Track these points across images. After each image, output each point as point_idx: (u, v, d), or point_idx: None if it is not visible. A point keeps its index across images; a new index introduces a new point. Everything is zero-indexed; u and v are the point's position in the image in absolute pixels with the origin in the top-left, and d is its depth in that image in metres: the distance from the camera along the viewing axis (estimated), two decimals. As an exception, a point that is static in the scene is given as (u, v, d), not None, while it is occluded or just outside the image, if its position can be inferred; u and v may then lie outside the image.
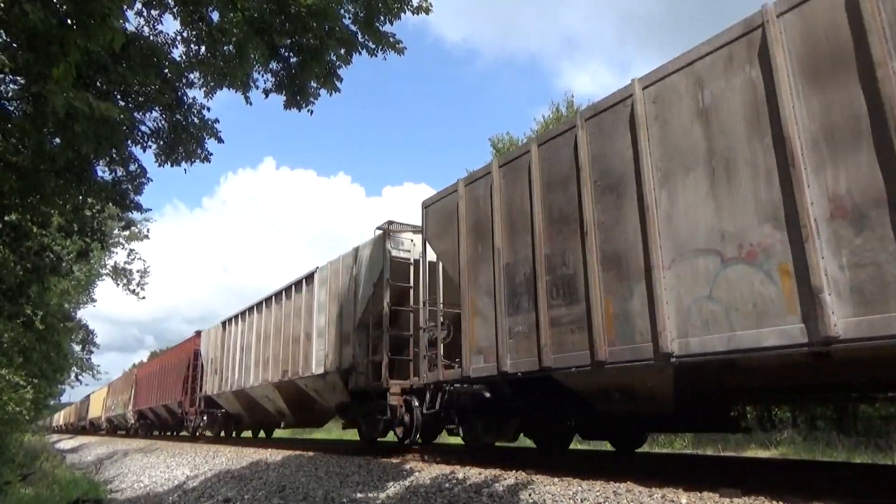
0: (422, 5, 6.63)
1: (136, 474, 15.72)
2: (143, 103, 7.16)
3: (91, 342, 29.77)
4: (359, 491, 7.55)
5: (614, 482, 5.73)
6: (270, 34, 6.47)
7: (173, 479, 12.93)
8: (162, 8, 6.81)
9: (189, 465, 14.18)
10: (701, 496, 4.90)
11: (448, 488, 6.71)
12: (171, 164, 7.43)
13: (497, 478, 6.69)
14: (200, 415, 20.24)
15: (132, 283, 26.07)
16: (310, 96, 6.95)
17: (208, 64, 6.84)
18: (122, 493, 13.36)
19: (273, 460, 11.46)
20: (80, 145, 5.56)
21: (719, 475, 5.41)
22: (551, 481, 6.16)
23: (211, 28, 6.56)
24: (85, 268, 23.10)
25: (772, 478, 5.58)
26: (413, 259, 10.35)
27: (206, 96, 7.26)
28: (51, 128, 5.76)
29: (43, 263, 9.04)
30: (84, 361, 33.64)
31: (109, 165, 7.74)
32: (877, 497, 4.44)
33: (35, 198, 6.98)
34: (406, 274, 10.38)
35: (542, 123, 26.42)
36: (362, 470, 8.65)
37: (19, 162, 6.55)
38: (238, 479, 10.38)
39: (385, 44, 6.73)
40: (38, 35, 4.17)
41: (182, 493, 11.02)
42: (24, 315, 10.71)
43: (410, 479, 7.52)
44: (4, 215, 7.84)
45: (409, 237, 10.55)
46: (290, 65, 6.86)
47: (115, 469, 18.44)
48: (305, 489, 8.30)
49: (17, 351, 16.97)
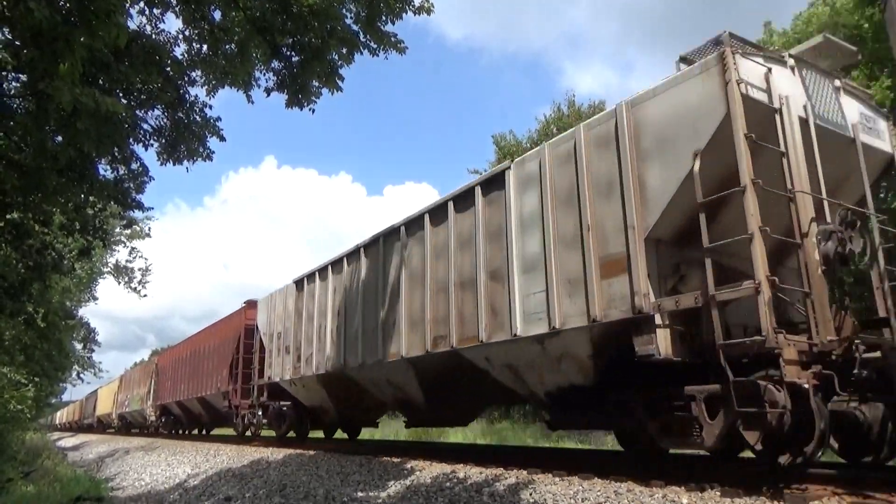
0: (423, 5, 6.64)
1: (137, 472, 15.74)
2: (146, 101, 7.17)
3: (92, 340, 29.88)
4: (360, 490, 7.56)
5: (615, 482, 5.73)
6: (272, 33, 6.48)
7: (174, 478, 12.95)
8: (164, 7, 6.83)
9: (190, 463, 14.20)
10: (702, 496, 4.91)
11: (449, 487, 6.71)
12: (173, 162, 7.44)
13: (498, 477, 6.69)
14: (258, 409, 15.18)
15: (133, 282, 26.16)
16: (311, 95, 6.96)
17: (210, 62, 6.85)
18: (124, 490, 13.38)
19: (274, 459, 11.46)
20: (82, 143, 5.58)
21: (720, 475, 5.40)
22: (552, 481, 6.17)
23: (213, 27, 6.57)
24: (86, 266, 23.12)
25: (772, 478, 5.57)
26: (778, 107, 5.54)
27: (207, 94, 7.28)
28: (53, 125, 5.77)
29: (45, 261, 9.05)
30: (85, 359, 33.67)
31: (111, 164, 7.75)
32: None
33: (37, 196, 7.00)
34: (767, 129, 5.40)
35: (543, 122, 26.46)
36: (363, 469, 8.66)
37: (21, 160, 6.57)
38: (239, 478, 10.39)
39: (387, 43, 6.74)
40: (43, 32, 4.17)
41: (183, 491, 11.04)
42: (26, 313, 10.74)
43: (411, 478, 7.53)
44: (6, 213, 7.85)
45: (765, 69, 5.59)
46: (292, 64, 6.87)
47: (117, 467, 18.47)
48: (306, 488, 8.31)
49: (18, 349, 17.00)
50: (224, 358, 17.44)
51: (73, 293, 25.33)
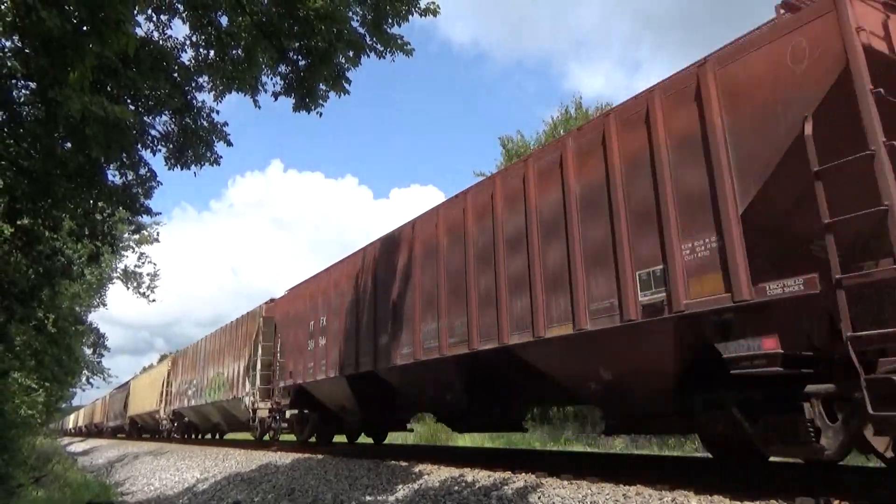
0: (429, 7, 6.64)
1: (146, 477, 15.80)
2: (153, 107, 7.21)
3: (102, 345, 29.93)
4: (368, 494, 7.55)
5: (624, 485, 5.71)
6: (279, 37, 6.50)
7: (183, 482, 12.98)
8: (171, 13, 6.87)
9: (199, 467, 14.23)
10: (711, 499, 4.87)
11: (457, 491, 6.69)
12: (181, 167, 7.48)
13: (506, 480, 6.67)
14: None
15: (142, 287, 26.24)
16: (319, 98, 6.96)
17: (217, 68, 6.88)
18: (133, 495, 13.43)
19: (282, 463, 11.47)
20: (90, 149, 5.61)
21: (730, 478, 5.37)
22: (561, 484, 6.14)
23: (220, 32, 6.60)
24: (96, 271, 23.24)
25: (783, 480, 5.53)
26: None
27: (215, 100, 7.31)
28: (62, 132, 5.81)
29: (54, 267, 9.10)
30: (95, 364, 33.81)
31: (120, 169, 7.79)
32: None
33: (46, 202, 7.04)
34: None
35: (550, 124, 26.47)
36: (371, 473, 8.65)
37: (31, 166, 6.61)
38: (248, 482, 10.40)
39: (393, 45, 6.75)
40: (54, 41, 4.21)
41: (192, 495, 11.07)
42: (36, 318, 10.78)
43: (419, 482, 7.51)
44: (16, 219, 7.91)
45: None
46: (299, 67, 6.89)
47: (126, 472, 18.54)
48: (315, 492, 8.31)
49: (29, 354, 17.09)
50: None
51: (82, 298, 25.44)
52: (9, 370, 12.71)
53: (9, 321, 8.91)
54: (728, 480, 5.23)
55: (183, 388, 22.76)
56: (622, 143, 5.89)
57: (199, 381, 20.63)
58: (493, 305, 7.28)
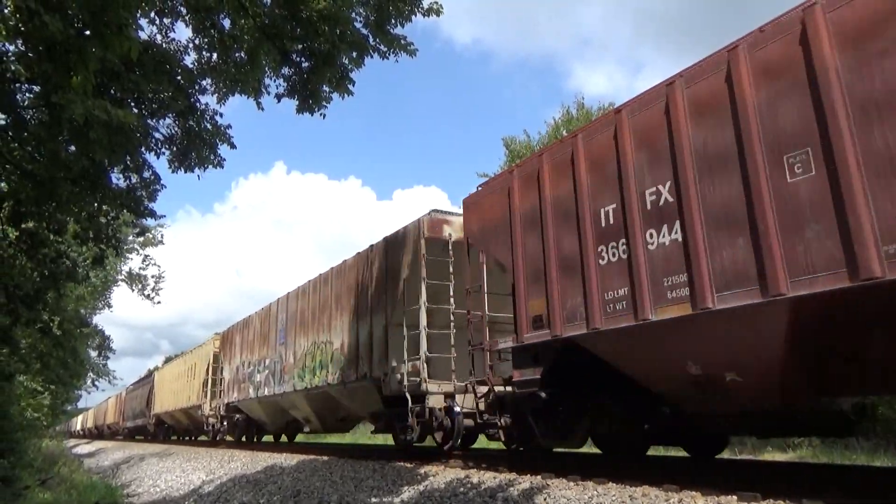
0: (432, 7, 6.63)
1: (152, 479, 15.84)
2: (157, 110, 7.22)
3: (107, 347, 30.09)
4: (373, 496, 7.55)
5: (630, 486, 5.68)
6: (282, 39, 6.50)
7: (189, 484, 13.00)
8: (174, 16, 6.88)
9: (205, 469, 14.25)
10: (718, 500, 4.84)
11: (462, 493, 6.68)
12: (185, 170, 7.49)
13: (512, 482, 6.65)
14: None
15: (147, 289, 26.31)
16: (322, 100, 6.97)
17: (220, 70, 6.89)
18: (139, 497, 13.46)
19: (288, 465, 11.48)
20: (94, 152, 5.62)
21: (736, 479, 5.34)
22: (566, 486, 6.12)
23: (223, 35, 6.60)
24: (100, 274, 23.32)
25: (790, 482, 5.50)
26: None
27: (218, 102, 7.32)
28: (66, 136, 5.82)
29: (59, 270, 9.12)
30: (100, 367, 33.94)
31: (124, 172, 7.81)
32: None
33: (51, 205, 7.06)
34: None
35: (553, 125, 26.44)
36: (377, 474, 8.64)
37: (35, 170, 6.62)
38: (253, 484, 10.41)
39: (397, 46, 6.74)
40: (57, 45, 4.22)
41: (198, 497, 11.08)
42: (42, 321, 10.82)
43: (425, 484, 7.50)
44: (21, 223, 7.94)
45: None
46: (302, 69, 6.89)
47: (132, 473, 18.58)
48: (320, 494, 8.31)
49: (34, 357, 17.16)
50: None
51: (87, 301, 25.56)
52: (14, 373, 12.75)
53: (14, 324, 8.94)
54: (735, 481, 5.20)
55: (243, 374, 16.66)
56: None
57: (276, 361, 14.56)
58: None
